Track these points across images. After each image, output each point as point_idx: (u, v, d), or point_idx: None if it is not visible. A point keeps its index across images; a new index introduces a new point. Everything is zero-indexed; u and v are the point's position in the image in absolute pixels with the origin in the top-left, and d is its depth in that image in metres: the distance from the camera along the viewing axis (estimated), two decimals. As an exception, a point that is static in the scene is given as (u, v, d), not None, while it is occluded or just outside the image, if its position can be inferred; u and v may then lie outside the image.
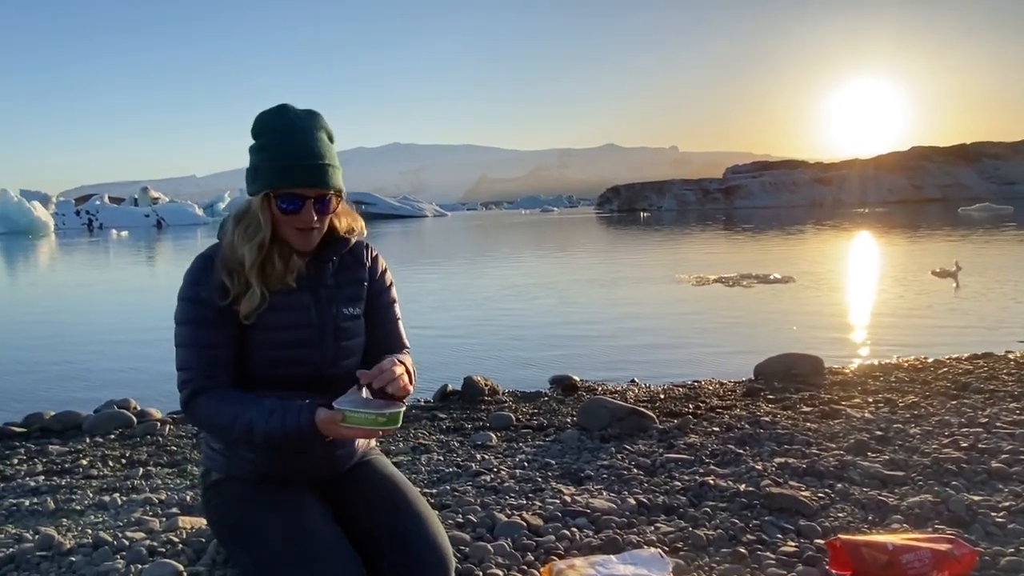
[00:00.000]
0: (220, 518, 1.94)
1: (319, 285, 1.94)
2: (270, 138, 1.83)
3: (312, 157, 1.81)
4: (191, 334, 1.86)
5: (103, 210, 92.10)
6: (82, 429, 4.59)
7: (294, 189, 1.80)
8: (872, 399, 4.42)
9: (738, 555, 2.26)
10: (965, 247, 19.30)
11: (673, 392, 5.10)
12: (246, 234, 1.83)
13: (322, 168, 1.82)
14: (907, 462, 3.08)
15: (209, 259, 1.88)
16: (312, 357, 1.91)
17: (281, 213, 1.81)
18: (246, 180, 1.87)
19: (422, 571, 1.81)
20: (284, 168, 1.79)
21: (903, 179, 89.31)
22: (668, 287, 12.79)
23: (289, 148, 1.80)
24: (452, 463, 3.46)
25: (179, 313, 1.88)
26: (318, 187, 1.82)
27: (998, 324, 8.09)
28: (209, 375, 1.84)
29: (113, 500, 3.09)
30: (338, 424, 1.68)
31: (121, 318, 10.81)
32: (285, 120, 1.84)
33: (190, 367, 1.85)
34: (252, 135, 1.87)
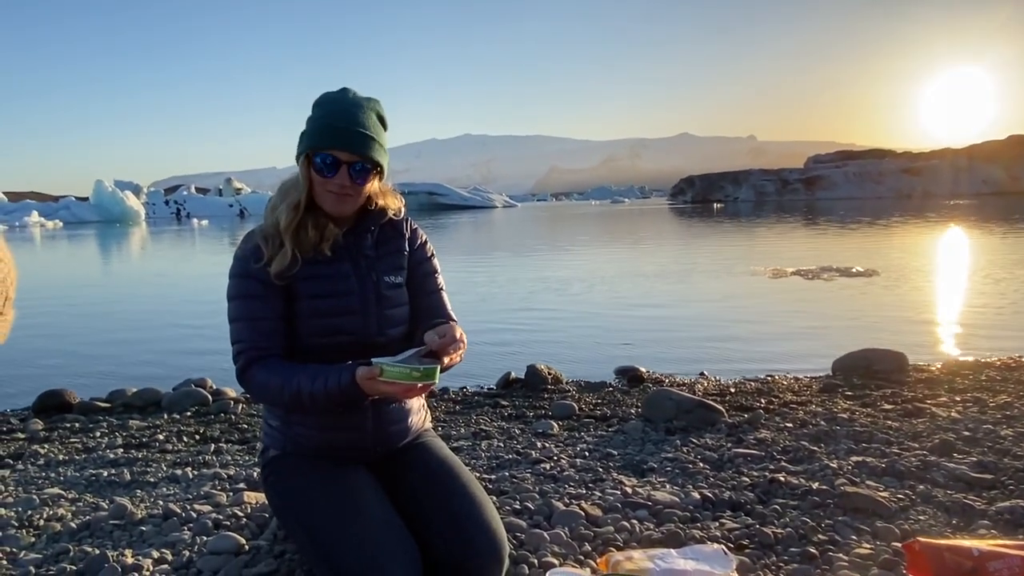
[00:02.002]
0: (276, 495, 1.96)
1: (359, 255, 1.96)
2: (320, 110, 1.88)
3: (352, 123, 1.84)
4: (241, 308, 1.91)
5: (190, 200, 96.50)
6: (161, 406, 4.78)
7: (331, 151, 1.83)
8: (960, 398, 4.16)
9: (808, 555, 2.14)
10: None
11: (744, 386, 4.93)
12: (285, 197, 1.90)
13: (360, 135, 1.84)
14: (997, 465, 2.87)
15: (253, 234, 1.94)
16: (357, 324, 1.93)
17: (317, 175, 1.85)
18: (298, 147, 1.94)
19: (475, 556, 1.78)
20: (323, 129, 1.84)
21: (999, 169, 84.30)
22: (743, 279, 12.42)
23: (332, 114, 1.85)
24: (512, 450, 3.43)
25: (230, 289, 1.94)
26: (354, 152, 1.84)
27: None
28: (261, 346, 1.88)
29: (184, 474, 3.20)
30: (376, 380, 1.69)
31: (203, 301, 11.27)
32: (341, 95, 1.90)
33: (242, 339, 1.90)
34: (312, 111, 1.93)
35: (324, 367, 1.81)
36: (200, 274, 17.62)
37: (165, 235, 41.68)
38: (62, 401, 4.88)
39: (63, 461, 3.62)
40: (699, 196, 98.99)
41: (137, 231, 49.54)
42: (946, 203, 54.68)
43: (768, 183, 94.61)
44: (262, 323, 1.89)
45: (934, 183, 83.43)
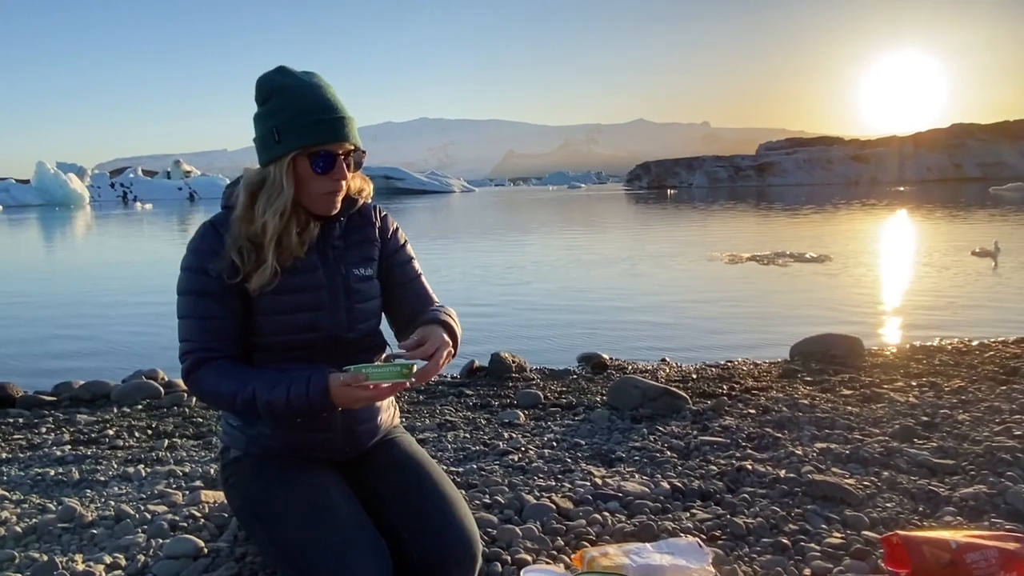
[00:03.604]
0: (239, 497, 1.87)
1: (326, 247, 1.85)
2: (286, 98, 1.72)
3: (337, 111, 1.73)
4: (192, 305, 1.79)
5: (137, 183, 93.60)
6: (110, 399, 4.60)
7: (325, 146, 1.71)
8: (916, 383, 4.25)
9: (780, 546, 2.14)
10: (1002, 227, 18.72)
11: (706, 372, 4.97)
12: (268, 202, 1.72)
13: (348, 122, 1.74)
14: (957, 450, 2.92)
15: (215, 230, 1.78)
16: (325, 320, 1.82)
17: (313, 174, 1.72)
18: (260, 147, 1.76)
19: (448, 556, 1.73)
20: (314, 124, 1.69)
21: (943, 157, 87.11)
22: (700, 265, 12.57)
23: (313, 104, 1.71)
24: (479, 441, 3.38)
25: (181, 283, 1.80)
26: (347, 142, 1.74)
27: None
28: (210, 347, 1.77)
29: (137, 472, 3.06)
30: (360, 385, 1.60)
31: (151, 288, 10.92)
32: (294, 79, 1.74)
33: (190, 339, 1.78)
34: (259, 100, 1.76)
35: (284, 372, 1.70)
36: (147, 260, 17.09)
37: (111, 219, 40.36)
38: (4, 395, 4.65)
39: (6, 460, 3.44)
40: (655, 182, 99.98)
41: (81, 215, 47.88)
42: (892, 189, 56.28)
43: (721, 169, 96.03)
44: (214, 323, 1.77)
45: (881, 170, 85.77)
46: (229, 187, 1.87)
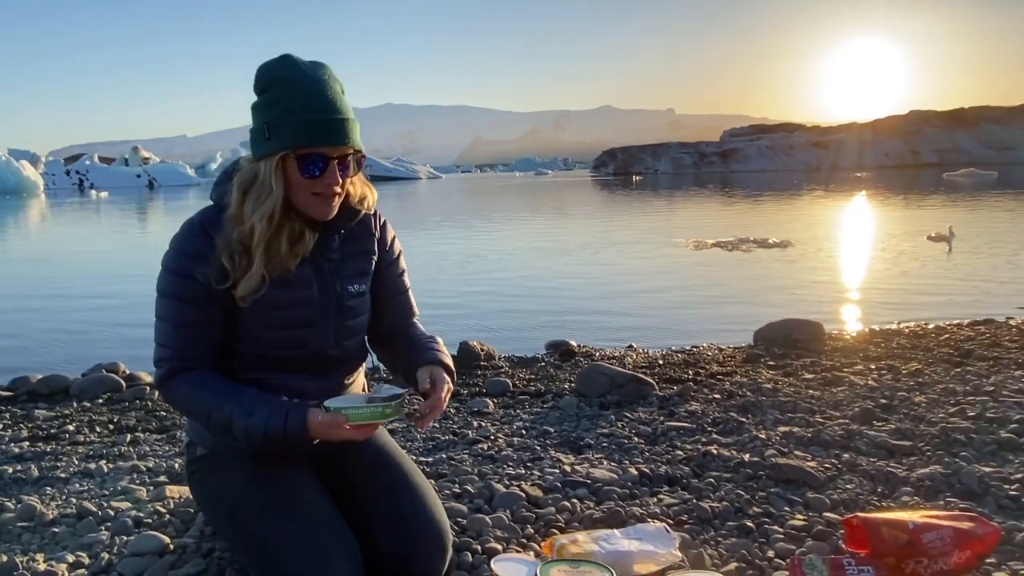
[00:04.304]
0: (205, 493, 1.85)
1: (323, 259, 1.75)
2: (282, 91, 1.61)
3: (335, 111, 1.61)
4: (173, 309, 1.69)
5: (93, 170, 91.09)
6: (70, 393, 4.49)
7: (317, 148, 1.60)
8: (874, 366, 4.35)
9: (745, 529, 2.18)
10: (956, 212, 19.24)
11: (672, 358, 5.03)
12: (256, 203, 1.62)
13: (346, 124, 1.62)
14: (914, 431, 3.01)
15: (204, 231, 1.67)
16: (313, 339, 1.76)
17: (301, 177, 1.61)
18: (252, 141, 1.66)
19: (419, 548, 1.74)
20: (305, 124, 1.58)
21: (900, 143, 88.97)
22: (666, 251, 12.69)
23: (308, 101, 1.59)
24: (448, 430, 3.38)
25: (163, 283, 1.71)
26: (342, 145, 1.62)
27: (994, 289, 8.05)
28: (188, 356, 1.69)
29: (99, 468, 3.00)
30: (339, 426, 1.55)
31: (111, 280, 10.67)
32: (296, 71, 1.62)
33: (167, 344, 1.70)
34: (257, 90, 1.65)
35: (263, 397, 1.64)
36: (104, 250, 16.69)
37: (66, 208, 39.27)
38: (-43, 391, 4.51)
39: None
40: (621, 168, 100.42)
41: (35, 203, 46.51)
42: (852, 175, 57.35)
43: (686, 156, 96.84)
44: (194, 330, 1.69)
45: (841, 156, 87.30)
46: (220, 182, 1.76)
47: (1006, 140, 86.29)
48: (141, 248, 17.01)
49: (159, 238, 20.40)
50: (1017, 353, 4.54)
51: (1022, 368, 4.12)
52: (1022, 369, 4.10)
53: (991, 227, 15.48)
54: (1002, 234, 13.84)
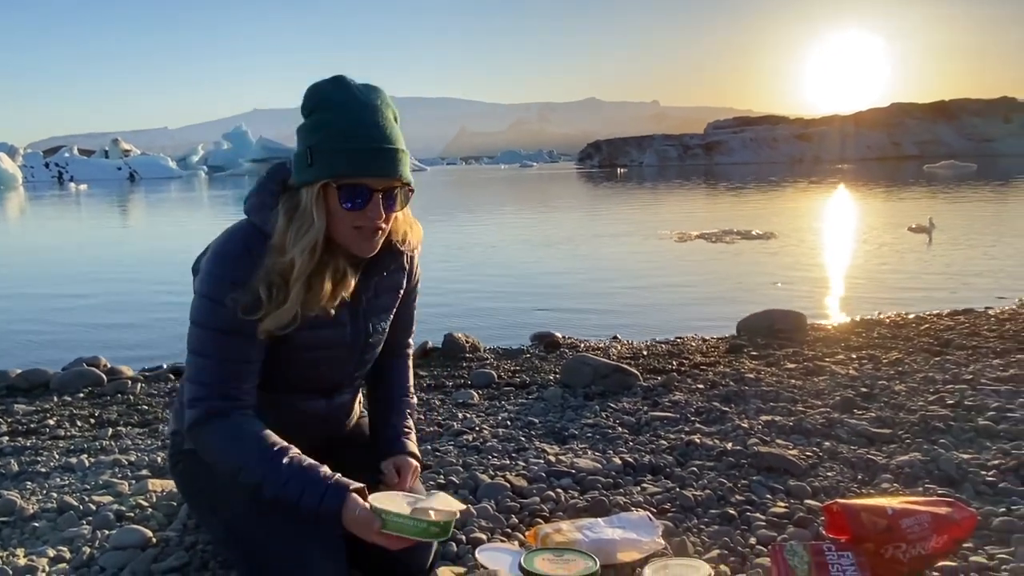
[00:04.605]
0: (191, 485, 1.84)
1: (359, 299, 1.69)
2: (330, 115, 1.51)
3: (383, 140, 1.51)
4: (214, 343, 1.57)
5: (73, 162, 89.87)
6: (49, 387, 4.44)
7: (360, 179, 1.50)
8: (856, 355, 4.39)
9: (727, 516, 2.20)
10: (936, 204, 19.46)
11: (656, 349, 5.05)
12: (298, 234, 1.51)
13: (394, 154, 1.53)
14: (894, 419, 3.05)
15: (251, 259, 1.54)
16: (333, 372, 1.76)
17: (341, 209, 1.51)
18: (295, 165, 1.57)
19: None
20: (350, 152, 1.48)
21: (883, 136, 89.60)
22: (650, 243, 12.72)
23: (355, 128, 1.50)
24: (433, 422, 3.38)
25: (201, 314, 1.58)
26: (388, 178, 1.53)
27: (973, 280, 8.14)
28: (228, 396, 1.58)
29: (80, 462, 2.97)
30: (373, 529, 1.47)
31: (90, 274, 10.54)
32: (347, 94, 1.53)
33: (205, 382, 1.58)
34: (304, 111, 1.57)
35: (301, 467, 1.54)
36: (82, 244, 16.50)
37: (46, 201, 38.75)
38: (-66, 386, 4.45)
39: (-62, 453, 3.30)
40: (606, 161, 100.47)
41: (14, 196, 45.85)
42: (834, 167, 57.75)
43: (671, 148, 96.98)
44: (238, 367, 1.58)
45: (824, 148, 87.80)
46: (260, 201, 1.61)
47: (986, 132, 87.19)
48: (121, 242, 16.85)
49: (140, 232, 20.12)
50: (995, 342, 4.61)
51: (1000, 357, 4.18)
52: (1000, 358, 4.16)
53: (970, 218, 15.66)
54: (981, 225, 14.01)
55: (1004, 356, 4.19)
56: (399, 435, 1.87)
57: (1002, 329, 5.03)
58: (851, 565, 1.60)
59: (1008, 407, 3.13)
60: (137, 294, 8.69)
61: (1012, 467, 2.46)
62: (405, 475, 1.77)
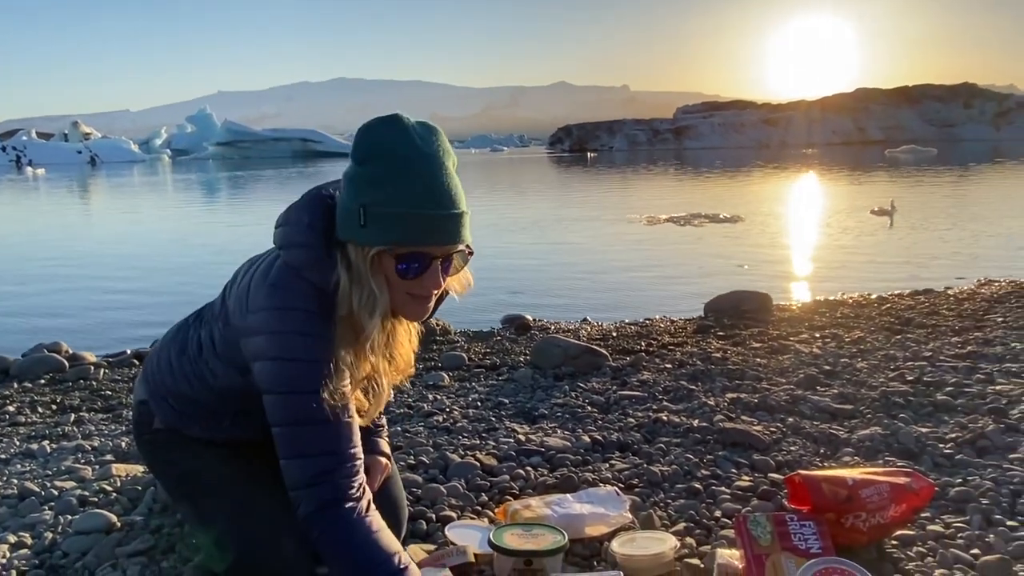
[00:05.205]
0: (158, 458, 1.81)
1: None
2: (387, 169, 1.35)
3: (449, 204, 1.37)
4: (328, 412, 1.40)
5: (31, 146, 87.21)
6: (9, 374, 4.33)
7: (420, 248, 1.38)
8: (819, 335, 4.47)
9: (693, 490, 2.24)
10: (898, 187, 19.85)
11: (625, 330, 5.08)
12: (364, 302, 1.38)
13: (459, 219, 1.40)
14: (855, 396, 3.11)
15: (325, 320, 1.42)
16: None
17: (397, 276, 1.40)
18: (343, 218, 1.39)
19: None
20: (411, 220, 1.34)
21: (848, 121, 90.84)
22: (620, 226, 12.79)
23: (418, 191, 1.34)
24: (403, 404, 3.37)
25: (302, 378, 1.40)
26: (451, 245, 1.41)
27: (932, 261, 8.34)
28: (352, 474, 1.43)
29: (42, 448, 2.91)
30: None
31: (52, 258, 10.29)
32: (407, 144, 1.36)
33: (328, 451, 1.42)
34: (356, 157, 1.39)
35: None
36: (43, 228, 16.07)
37: (2, 185, 37.63)
38: None
39: None
40: (576, 145, 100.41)
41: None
42: (800, 152, 58.48)
43: (640, 132, 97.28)
44: (351, 431, 1.45)
45: (790, 133, 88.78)
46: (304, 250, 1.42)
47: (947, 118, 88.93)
48: (81, 227, 16.45)
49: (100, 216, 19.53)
50: (954, 321, 4.72)
51: (958, 335, 4.29)
52: (958, 336, 4.26)
53: (931, 201, 16.01)
54: (941, 208, 14.34)
55: (962, 334, 4.30)
56: (370, 433, 1.85)
57: (960, 308, 5.16)
58: (813, 534, 1.63)
59: (965, 383, 3.21)
60: (99, 279, 8.51)
61: (968, 440, 2.53)
62: (374, 475, 1.76)
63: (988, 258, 8.41)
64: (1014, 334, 4.20)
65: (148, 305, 7.03)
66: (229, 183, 32.34)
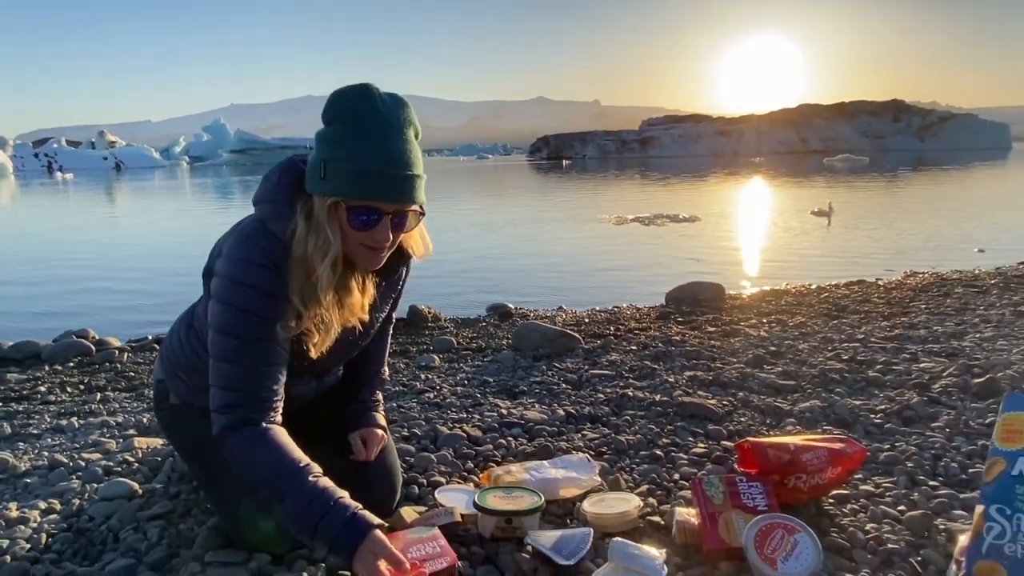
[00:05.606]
0: (174, 428, 1.78)
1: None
2: (349, 130, 1.34)
3: (401, 165, 1.36)
4: (243, 350, 1.40)
5: (61, 153, 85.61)
6: (41, 358, 4.26)
7: (371, 202, 1.36)
8: (766, 320, 4.50)
9: (655, 457, 2.24)
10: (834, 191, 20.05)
11: (596, 316, 5.09)
12: (317, 246, 1.37)
13: (409, 181, 1.39)
14: (797, 373, 3.13)
15: (276, 269, 1.39)
16: (332, 360, 1.68)
17: (350, 228, 1.39)
18: (310, 172, 1.40)
19: (372, 487, 1.74)
20: (364, 175, 1.33)
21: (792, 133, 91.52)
22: (592, 226, 12.79)
23: (373, 150, 1.33)
24: (398, 383, 3.35)
25: (228, 322, 1.40)
26: (399, 203, 1.40)
27: (864, 255, 8.42)
28: (258, 402, 1.42)
29: (70, 424, 2.86)
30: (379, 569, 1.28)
31: (78, 253, 10.10)
32: (371, 109, 1.35)
33: (235, 388, 1.41)
34: (325, 117, 1.38)
35: (321, 493, 1.35)
36: (72, 225, 15.79)
37: (35, 188, 36.91)
38: (-72, 358, 4.22)
39: (-67, 419, 3.14)
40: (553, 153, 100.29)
41: (4, 184, 43.50)
42: (750, 161, 58.81)
43: (610, 143, 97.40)
44: (268, 371, 1.43)
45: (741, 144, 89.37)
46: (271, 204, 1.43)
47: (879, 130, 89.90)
48: (107, 225, 16.18)
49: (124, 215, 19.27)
50: (883, 307, 4.77)
51: (887, 320, 4.33)
52: (887, 320, 4.31)
53: (863, 204, 16.19)
54: (872, 209, 14.51)
55: (890, 319, 4.35)
56: (367, 408, 1.82)
57: (889, 296, 5.22)
58: (759, 493, 1.64)
59: (893, 361, 3.25)
60: (123, 271, 8.37)
61: (896, 411, 2.55)
62: (371, 446, 1.73)
63: (913, 253, 8.51)
64: (935, 319, 4.26)
65: (168, 294, 6.93)
66: (241, 186, 31.95)
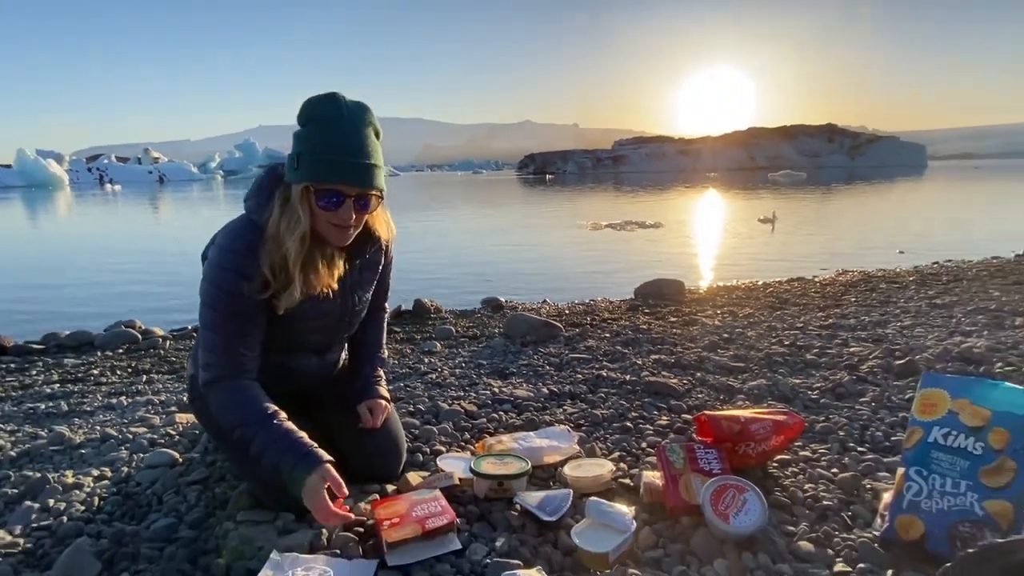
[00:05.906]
0: (204, 416, 1.76)
1: (346, 276, 1.60)
2: (317, 128, 1.40)
3: (358, 155, 1.41)
4: (222, 323, 1.46)
5: (111, 167, 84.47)
6: (94, 345, 4.21)
7: (335, 185, 1.41)
8: (720, 311, 4.52)
9: (625, 428, 2.24)
10: (778, 202, 20.15)
11: (575, 308, 5.08)
12: (288, 225, 1.42)
13: (367, 168, 1.42)
14: (747, 356, 3.14)
15: (250, 251, 1.44)
16: (325, 336, 1.66)
17: (319, 208, 1.43)
18: (288, 165, 1.46)
19: (381, 452, 1.73)
20: (327, 163, 1.39)
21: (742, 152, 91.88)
22: (571, 231, 12.79)
23: (335, 142, 1.39)
24: (405, 366, 3.33)
25: (210, 298, 1.46)
26: (359, 187, 1.43)
27: (803, 257, 8.47)
28: (234, 364, 1.48)
29: (119, 402, 2.83)
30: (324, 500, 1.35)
31: (126, 253, 9.98)
32: (334, 110, 1.41)
33: (217, 351, 1.47)
34: (299, 120, 1.44)
35: (288, 432, 1.43)
36: (119, 229, 15.60)
37: (89, 199, 36.41)
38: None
39: (0, 398, 3.09)
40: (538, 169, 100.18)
41: (61, 195, 42.89)
42: (707, 176, 58.98)
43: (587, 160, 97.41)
44: (242, 340, 1.48)
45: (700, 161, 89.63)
46: (259, 200, 1.49)
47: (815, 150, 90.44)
48: (152, 229, 16.00)
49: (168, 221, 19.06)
50: (820, 300, 4.80)
51: (823, 311, 4.36)
52: (823, 311, 4.33)
53: (802, 212, 16.27)
54: (809, 217, 14.60)
55: (825, 310, 4.37)
56: (371, 383, 1.80)
57: (824, 291, 5.25)
58: (715, 459, 1.64)
59: (827, 347, 3.27)
60: (166, 269, 8.29)
61: (829, 388, 2.57)
62: (377, 414, 1.71)
63: (844, 254, 8.57)
64: (863, 310, 4.29)
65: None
66: (269, 197, 31.59)
